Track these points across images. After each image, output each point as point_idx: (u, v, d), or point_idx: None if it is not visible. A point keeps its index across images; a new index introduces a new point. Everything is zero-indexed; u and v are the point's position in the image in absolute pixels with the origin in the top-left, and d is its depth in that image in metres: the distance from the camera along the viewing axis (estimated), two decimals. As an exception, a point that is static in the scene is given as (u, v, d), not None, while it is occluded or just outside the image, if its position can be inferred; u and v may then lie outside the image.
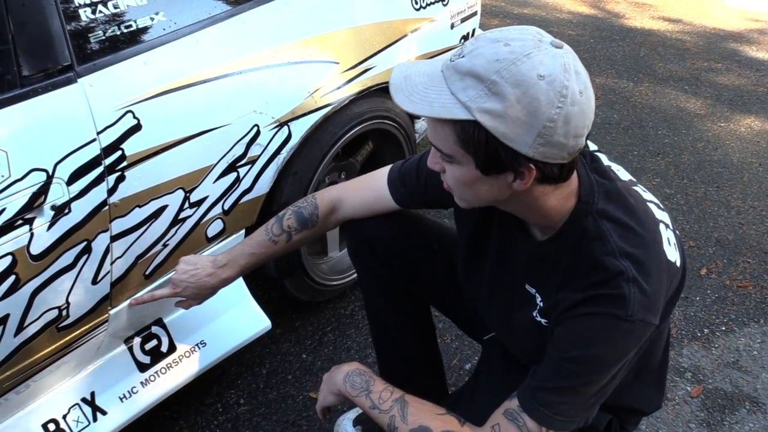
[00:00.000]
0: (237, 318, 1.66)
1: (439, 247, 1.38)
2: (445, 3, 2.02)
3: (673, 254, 1.03)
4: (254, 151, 1.49)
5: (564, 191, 0.97)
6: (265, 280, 1.88)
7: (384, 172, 1.31)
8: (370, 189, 1.32)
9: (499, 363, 1.32)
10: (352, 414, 1.64)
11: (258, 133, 1.48)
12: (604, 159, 1.09)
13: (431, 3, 1.96)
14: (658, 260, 0.99)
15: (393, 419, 1.10)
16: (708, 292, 2.24)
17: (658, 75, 3.95)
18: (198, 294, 1.38)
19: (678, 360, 1.96)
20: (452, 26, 2.08)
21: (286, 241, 1.34)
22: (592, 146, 1.10)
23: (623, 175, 1.11)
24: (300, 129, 1.58)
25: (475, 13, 2.22)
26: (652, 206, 1.07)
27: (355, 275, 2.01)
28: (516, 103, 0.83)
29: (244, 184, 1.51)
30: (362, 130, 1.79)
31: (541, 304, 1.07)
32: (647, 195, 1.10)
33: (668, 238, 1.04)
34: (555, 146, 0.86)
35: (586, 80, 0.87)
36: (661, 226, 1.04)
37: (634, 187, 1.09)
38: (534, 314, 1.08)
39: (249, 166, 1.50)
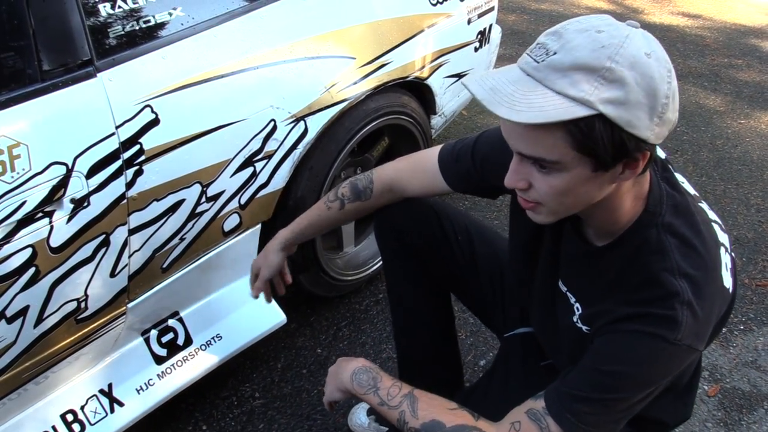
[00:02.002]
0: (253, 312, 1.67)
1: (463, 238, 1.38)
2: (462, -2, 2.01)
3: (728, 280, 0.99)
4: (271, 145, 1.50)
5: (637, 191, 0.93)
6: (280, 275, 1.88)
7: (435, 153, 1.28)
8: (425, 171, 1.29)
9: (517, 362, 1.31)
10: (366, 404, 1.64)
11: (274, 128, 1.49)
12: (672, 169, 1.05)
13: (448, -2, 1.96)
14: (714, 285, 0.95)
15: (403, 414, 1.08)
16: (726, 291, 2.21)
17: (678, 71, 3.86)
18: (267, 262, 1.42)
19: (695, 359, 1.94)
20: (469, 21, 2.07)
21: (338, 208, 1.36)
22: (662, 153, 1.07)
23: (688, 189, 1.06)
24: (316, 124, 1.58)
25: (492, 9, 2.21)
26: (716, 227, 1.02)
27: (370, 270, 2.02)
28: (635, 86, 0.79)
29: (261, 179, 1.52)
30: (378, 125, 1.79)
31: (579, 308, 1.05)
32: (711, 214, 1.06)
33: (726, 263, 1.00)
34: (666, 124, 0.83)
35: None
36: (722, 249, 1.00)
37: (700, 204, 1.04)
38: (575, 320, 1.06)
39: (265, 161, 1.51)
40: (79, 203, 1.19)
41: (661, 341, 0.90)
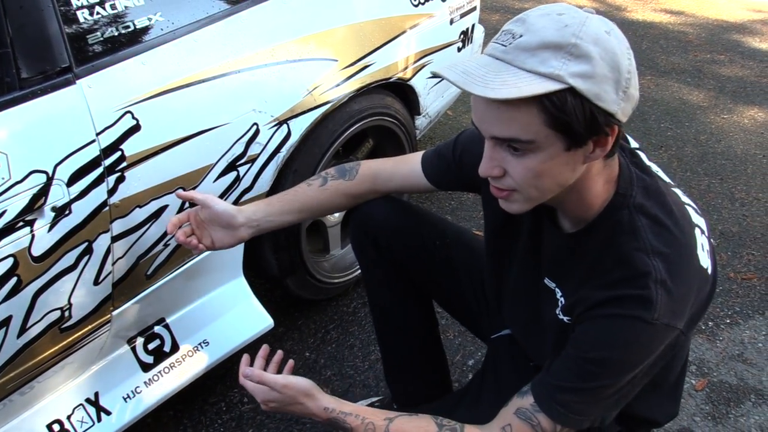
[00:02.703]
0: (239, 317, 1.66)
1: (441, 243, 1.38)
2: (444, -2, 2.02)
3: (705, 260, 1.00)
4: (254, 149, 1.50)
5: (608, 175, 0.95)
6: (267, 279, 1.88)
7: (419, 153, 1.32)
8: (406, 163, 1.32)
9: (507, 364, 1.30)
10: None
11: (257, 132, 1.49)
12: (644, 158, 1.06)
13: (430, -1, 1.96)
14: (689, 264, 0.96)
15: None
16: (712, 285, 2.23)
17: (661, 67, 3.94)
18: (221, 219, 1.28)
19: (682, 353, 1.95)
20: (451, 22, 2.08)
21: (320, 185, 1.33)
22: (634, 143, 1.08)
23: (660, 174, 1.08)
24: (299, 127, 1.58)
25: (474, 9, 2.22)
26: (689, 209, 1.04)
27: (358, 272, 2.02)
28: (600, 60, 0.82)
29: (245, 183, 1.52)
30: (362, 127, 1.79)
31: (563, 300, 1.05)
32: (685, 198, 1.07)
33: (702, 244, 1.00)
34: (630, 99, 0.87)
35: None
36: (697, 231, 1.01)
37: (673, 189, 1.06)
38: (557, 312, 1.06)
39: (249, 165, 1.50)
40: (61, 211, 1.18)
41: (639, 322, 0.91)
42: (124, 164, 1.26)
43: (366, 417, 1.08)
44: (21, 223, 1.13)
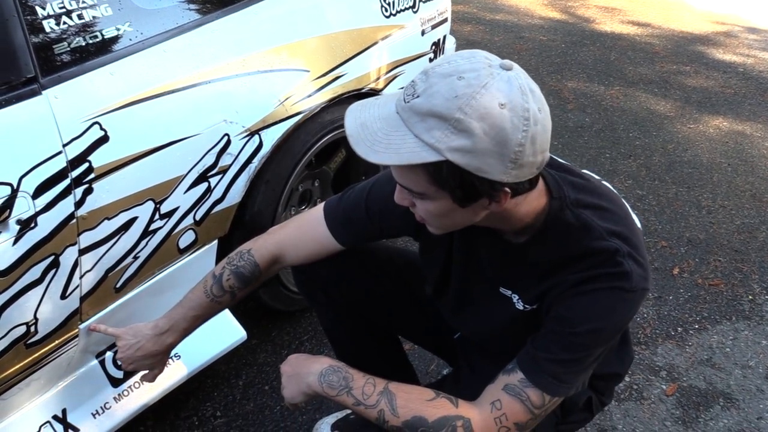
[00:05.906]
0: (212, 329, 1.63)
1: (390, 268, 1.36)
2: (415, 10, 2.03)
3: (637, 220, 1.10)
4: (225, 160, 1.48)
5: (533, 195, 0.98)
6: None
7: (320, 215, 1.24)
8: (312, 238, 1.26)
9: (478, 357, 1.32)
10: (331, 419, 1.63)
11: (228, 143, 1.48)
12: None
13: (401, 10, 1.97)
14: (635, 230, 1.05)
15: (382, 413, 1.06)
16: (681, 291, 2.27)
17: (629, 78, 4.01)
18: (151, 364, 1.33)
19: (653, 359, 1.98)
20: (423, 33, 2.09)
21: (230, 299, 1.29)
22: None
23: (562, 161, 1.13)
24: (271, 137, 1.57)
25: (445, 20, 2.23)
26: (605, 183, 1.11)
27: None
28: (484, 136, 0.84)
29: (216, 194, 1.50)
30: (334, 137, 1.78)
31: (520, 299, 1.10)
32: (593, 174, 1.14)
33: (628, 206, 1.10)
34: (525, 166, 0.88)
35: (540, 96, 0.90)
36: (622, 198, 1.10)
37: (583, 171, 1.12)
38: (518, 308, 1.10)
39: (220, 176, 1.49)
40: (26, 224, 1.16)
41: (620, 291, 1.00)
42: (92, 176, 1.24)
43: (367, 374, 1.11)
44: (-16, 237, 1.11)
